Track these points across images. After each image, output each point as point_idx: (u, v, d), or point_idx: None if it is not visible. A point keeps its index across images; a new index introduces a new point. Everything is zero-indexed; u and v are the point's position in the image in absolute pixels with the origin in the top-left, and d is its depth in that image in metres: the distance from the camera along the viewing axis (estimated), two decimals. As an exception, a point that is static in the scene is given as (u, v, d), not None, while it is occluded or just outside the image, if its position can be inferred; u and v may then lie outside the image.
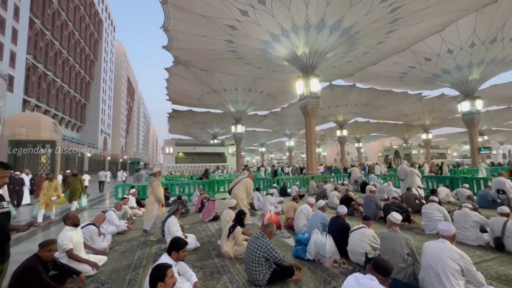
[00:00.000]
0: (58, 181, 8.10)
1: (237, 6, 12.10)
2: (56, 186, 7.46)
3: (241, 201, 6.29)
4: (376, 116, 36.13)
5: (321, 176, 15.29)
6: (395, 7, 11.83)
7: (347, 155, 68.14)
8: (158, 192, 5.68)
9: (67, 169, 18.91)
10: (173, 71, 21.16)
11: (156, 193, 5.67)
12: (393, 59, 18.35)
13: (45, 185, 7.30)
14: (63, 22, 34.55)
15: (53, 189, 7.32)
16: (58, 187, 7.52)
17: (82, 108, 43.13)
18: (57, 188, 7.45)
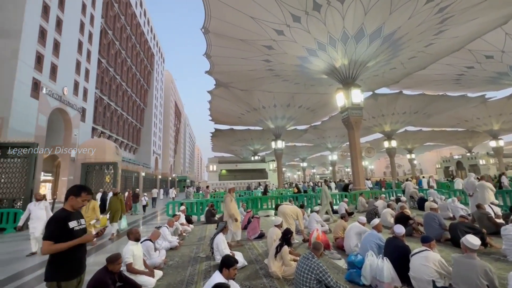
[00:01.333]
0: (97, 201, 8.16)
1: (273, 27, 12.58)
2: (94, 207, 7.20)
3: (288, 218, 6.21)
4: (429, 123, 32.72)
5: (371, 191, 14.19)
6: (443, 6, 10.96)
7: (398, 168, 62.51)
8: (229, 207, 5.99)
9: (126, 188, 21.02)
10: (214, 93, 22.54)
11: (228, 208, 5.99)
12: (445, 61, 16.73)
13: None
14: (123, 59, 40.01)
15: (91, 210, 7.07)
16: (96, 207, 7.25)
17: (138, 132, 48.22)
18: (95, 209, 7.18)
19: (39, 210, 6.41)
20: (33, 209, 6.43)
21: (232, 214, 5.93)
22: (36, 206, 6.48)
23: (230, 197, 6.17)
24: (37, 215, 6.32)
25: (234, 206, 6.17)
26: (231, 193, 6.28)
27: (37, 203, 6.61)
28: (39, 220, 6.21)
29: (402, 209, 7.19)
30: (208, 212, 10.00)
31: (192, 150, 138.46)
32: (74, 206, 2.38)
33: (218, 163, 39.79)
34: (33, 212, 6.37)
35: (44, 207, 6.53)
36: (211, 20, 12.46)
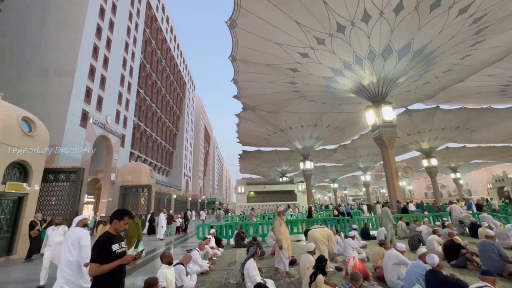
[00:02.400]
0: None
1: (297, 50, 12.92)
2: None
3: (320, 244, 5.89)
4: (474, 139, 29.88)
5: (412, 215, 13.00)
6: (477, 17, 10.46)
7: (441, 188, 57.00)
8: (276, 231, 5.68)
9: (158, 210, 21.76)
10: (242, 116, 23.20)
11: (275, 232, 5.70)
12: (486, 72, 15.56)
13: (99, 230, 6.61)
14: (158, 88, 43.52)
15: None
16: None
17: (170, 155, 50.71)
18: None
19: (57, 235, 6.00)
20: (51, 234, 6.03)
21: (279, 239, 5.57)
22: (55, 231, 6.10)
23: (279, 220, 5.88)
24: (54, 241, 5.87)
25: (283, 230, 5.81)
26: (280, 216, 5.98)
27: (56, 227, 6.21)
28: (56, 247, 5.73)
29: (451, 236, 6.44)
30: (237, 235, 9.87)
31: (221, 172, 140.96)
32: (117, 229, 2.53)
33: (246, 185, 39.77)
34: (51, 237, 5.96)
35: (63, 232, 6.03)
36: (238, 48, 13.21)
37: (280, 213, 6.10)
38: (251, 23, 11.60)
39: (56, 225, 6.24)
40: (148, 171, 20.76)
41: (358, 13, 10.61)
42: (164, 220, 12.88)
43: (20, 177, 9.22)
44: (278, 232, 5.71)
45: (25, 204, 9.16)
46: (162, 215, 12.95)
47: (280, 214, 6.07)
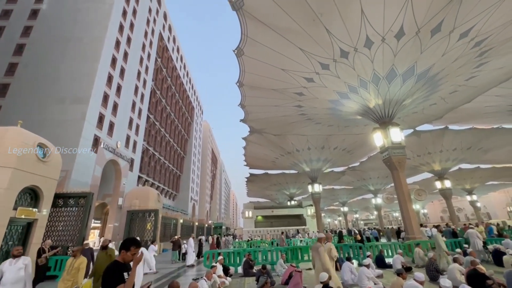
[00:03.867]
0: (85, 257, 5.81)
1: (303, 75, 13.31)
2: (80, 265, 5.33)
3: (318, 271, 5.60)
4: (488, 160, 29.00)
5: (429, 241, 12.32)
6: (478, 40, 10.70)
7: (458, 211, 54.48)
8: (325, 260, 5.45)
9: (164, 235, 21.29)
10: (249, 139, 23.41)
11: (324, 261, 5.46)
12: (494, 92, 15.53)
13: (68, 264, 5.37)
14: (167, 113, 44.85)
15: (75, 270, 5.23)
16: (81, 266, 5.35)
17: (177, 179, 50.78)
18: (79, 268, 5.30)
19: (16, 270, 4.66)
20: (7, 270, 4.63)
21: (328, 269, 5.35)
22: (12, 266, 4.69)
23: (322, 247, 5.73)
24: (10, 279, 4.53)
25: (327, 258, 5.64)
26: (322, 243, 5.84)
27: (13, 260, 4.79)
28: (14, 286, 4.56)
29: (475, 265, 6.02)
30: (245, 263, 9.49)
31: (228, 196, 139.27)
32: (125, 260, 2.49)
33: (254, 209, 38.95)
34: (7, 273, 4.60)
35: (24, 266, 4.79)
36: (245, 75, 13.72)
37: (321, 240, 5.89)
38: (258, 51, 12.15)
39: (14, 258, 4.83)
40: (155, 195, 20.72)
41: (361, 40, 11.02)
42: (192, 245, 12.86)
43: (31, 202, 9.32)
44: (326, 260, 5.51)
45: (34, 230, 9.16)
46: (191, 240, 12.92)
47: (321, 240, 5.87)
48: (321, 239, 5.94)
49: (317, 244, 5.84)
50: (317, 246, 5.74)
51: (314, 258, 5.76)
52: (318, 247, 5.65)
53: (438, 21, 9.96)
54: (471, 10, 9.47)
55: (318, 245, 5.75)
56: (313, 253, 5.75)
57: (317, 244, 5.86)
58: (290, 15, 10.31)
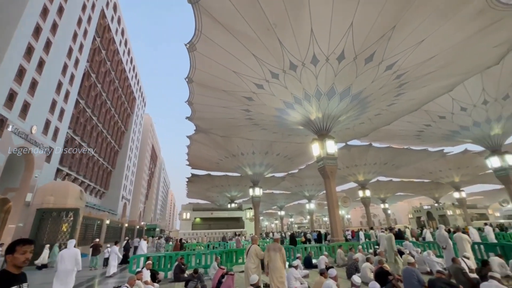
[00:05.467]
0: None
1: (253, 81, 13.60)
2: None
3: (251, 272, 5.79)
4: (398, 174, 34.71)
5: (349, 243, 13.90)
6: (399, 74, 12.73)
7: (373, 217, 63.15)
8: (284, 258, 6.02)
9: (84, 238, 18.70)
10: (194, 138, 22.62)
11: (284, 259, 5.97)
12: (406, 119, 18.67)
13: None
14: (103, 101, 39.87)
15: None
16: None
17: (108, 175, 45.39)
18: None
19: None
20: None
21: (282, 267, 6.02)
22: None
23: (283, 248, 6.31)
24: None
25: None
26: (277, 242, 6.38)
27: None
28: None
29: (381, 264, 7.02)
30: (177, 267, 9.00)
31: (166, 196, 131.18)
32: (17, 264, 2.02)
33: (192, 211, 37.67)
34: None
35: None
36: (195, 71, 13.24)
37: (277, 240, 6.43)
38: (211, 49, 11.89)
39: None
40: (77, 192, 18.01)
41: (308, 56, 11.89)
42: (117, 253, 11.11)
43: None
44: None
45: None
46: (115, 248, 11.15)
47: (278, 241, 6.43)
48: (277, 239, 6.37)
49: (276, 245, 6.12)
50: (279, 247, 6.04)
51: (271, 257, 5.93)
52: (280, 248, 6.00)
53: (371, 52, 11.50)
54: (395, 47, 11.24)
55: (280, 245, 6.09)
56: (271, 253, 5.94)
57: (276, 244, 6.13)
58: (246, 20, 10.44)
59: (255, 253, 6.05)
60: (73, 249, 6.84)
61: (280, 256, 5.90)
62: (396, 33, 10.45)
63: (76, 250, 6.89)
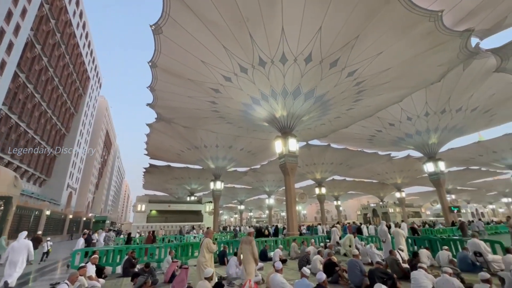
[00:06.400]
0: None
1: (221, 73, 13.33)
2: None
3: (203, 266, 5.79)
4: (351, 174, 37.57)
5: (302, 237, 14.66)
6: (359, 81, 13.68)
7: (327, 213, 67.46)
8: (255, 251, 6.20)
9: (18, 230, 16.57)
10: (154, 126, 21.43)
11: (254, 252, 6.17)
12: (362, 123, 20.23)
13: None
14: (49, 77, 35.26)
15: None
16: None
17: (51, 161, 40.61)
18: None
19: None
20: None
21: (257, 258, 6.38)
22: None
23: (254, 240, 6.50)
24: None
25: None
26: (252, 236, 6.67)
27: None
28: None
29: (330, 256, 7.56)
30: (127, 262, 8.50)
31: (119, 186, 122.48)
32: None
33: (148, 203, 35.81)
34: None
35: None
36: (160, 56, 12.48)
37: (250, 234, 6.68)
38: (178, 34, 11.31)
39: None
40: (9, 177, 15.65)
41: (278, 54, 12.06)
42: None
43: None
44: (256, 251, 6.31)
45: None
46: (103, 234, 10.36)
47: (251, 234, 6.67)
48: (251, 233, 6.67)
49: (249, 238, 6.42)
50: (249, 240, 6.34)
51: (243, 250, 6.26)
52: (251, 241, 6.30)
53: (336, 57, 12.12)
54: (357, 56, 12.02)
55: (251, 238, 6.39)
56: (243, 245, 6.29)
57: (249, 237, 6.43)
58: (218, 10, 10.14)
59: (206, 247, 6.04)
60: (23, 240, 7.05)
61: (249, 248, 6.21)
62: (359, 42, 11.16)
63: (28, 241, 7.17)
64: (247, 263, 6.10)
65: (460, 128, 19.67)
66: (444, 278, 4.92)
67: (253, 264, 6.13)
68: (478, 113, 18.13)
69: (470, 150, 26.72)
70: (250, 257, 6.09)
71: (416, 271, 5.47)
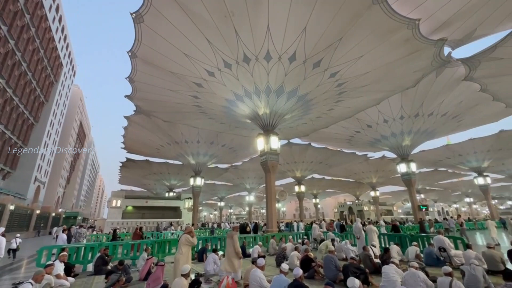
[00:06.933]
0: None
1: (205, 67, 13.09)
2: None
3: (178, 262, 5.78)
4: (330, 173, 38.68)
5: (281, 234, 14.89)
6: (340, 82, 14.04)
7: (305, 210, 69.01)
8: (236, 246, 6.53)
9: (-24, 226, 15.31)
10: (133, 119, 20.62)
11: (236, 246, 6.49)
12: (342, 124, 20.83)
13: None
14: (16, 62, 32.62)
15: None
16: None
17: (17, 152, 37.78)
18: None
19: None
20: None
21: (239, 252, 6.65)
22: None
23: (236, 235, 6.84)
24: None
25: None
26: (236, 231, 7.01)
27: None
28: None
29: (307, 252, 7.74)
30: (99, 259, 8.15)
31: (93, 181, 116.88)
32: None
33: (124, 198, 34.55)
34: None
35: None
36: (140, 46, 11.98)
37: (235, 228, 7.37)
38: (161, 25, 10.92)
39: None
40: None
41: (262, 52, 12.04)
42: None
43: None
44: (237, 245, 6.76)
45: None
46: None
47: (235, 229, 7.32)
48: (235, 228, 7.30)
49: (231, 232, 6.82)
50: (231, 234, 6.74)
51: (227, 244, 6.78)
52: (233, 235, 6.68)
53: (319, 58, 12.33)
54: (340, 58, 12.32)
55: (233, 233, 6.77)
56: (227, 240, 6.80)
57: (231, 232, 6.83)
58: (203, 2, 9.90)
59: (185, 242, 5.97)
60: None
61: (231, 242, 6.58)
62: (341, 44, 11.44)
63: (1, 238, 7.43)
64: (229, 258, 6.27)
65: (431, 132, 20.89)
66: (411, 272, 5.23)
67: (235, 258, 6.23)
68: (447, 118, 19.34)
69: (439, 153, 28.55)
70: (230, 250, 6.21)
71: (387, 266, 5.75)
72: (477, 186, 32.06)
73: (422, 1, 10.09)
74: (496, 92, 15.49)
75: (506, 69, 13.06)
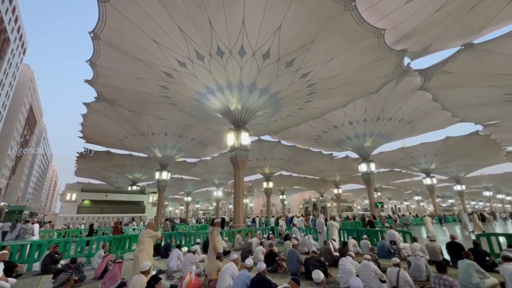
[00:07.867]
0: None
1: (176, 57, 12.54)
2: None
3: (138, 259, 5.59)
4: (297, 170, 39.98)
5: (247, 229, 15.05)
6: (311, 83, 14.49)
7: (272, 206, 70.58)
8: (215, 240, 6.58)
9: None
10: (93, 107, 19.04)
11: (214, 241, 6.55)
12: (310, 124, 21.58)
13: None
14: (-52, 31, 28.03)
15: None
16: None
17: None
18: None
19: None
20: None
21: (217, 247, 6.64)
22: None
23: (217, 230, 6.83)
24: None
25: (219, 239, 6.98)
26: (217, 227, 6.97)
27: None
28: None
29: (271, 247, 7.92)
30: (47, 257, 7.43)
31: (44, 172, 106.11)
32: None
33: (81, 191, 32.00)
34: None
35: None
36: (105, 27, 11.04)
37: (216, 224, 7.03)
38: (129, 6, 10.15)
39: None
40: None
41: (237, 46, 11.88)
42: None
43: None
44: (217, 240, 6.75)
45: None
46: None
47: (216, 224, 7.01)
48: (217, 223, 7.09)
49: (211, 228, 7.04)
50: (211, 230, 6.94)
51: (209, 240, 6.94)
52: (212, 231, 6.79)
53: (292, 57, 12.56)
54: (312, 59, 12.69)
55: (212, 229, 6.89)
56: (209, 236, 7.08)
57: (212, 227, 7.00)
58: (176, -13, 9.43)
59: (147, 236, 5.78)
60: None
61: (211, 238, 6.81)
62: (314, 46, 11.77)
63: None
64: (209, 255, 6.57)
65: (390, 135, 22.65)
66: (363, 263, 5.64)
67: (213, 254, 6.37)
68: (404, 123, 21.11)
69: (395, 155, 31.17)
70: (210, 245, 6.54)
71: (344, 258, 6.14)
72: (425, 186, 35.70)
73: (389, 12, 10.76)
74: (445, 102, 17.26)
75: (454, 82, 14.60)
